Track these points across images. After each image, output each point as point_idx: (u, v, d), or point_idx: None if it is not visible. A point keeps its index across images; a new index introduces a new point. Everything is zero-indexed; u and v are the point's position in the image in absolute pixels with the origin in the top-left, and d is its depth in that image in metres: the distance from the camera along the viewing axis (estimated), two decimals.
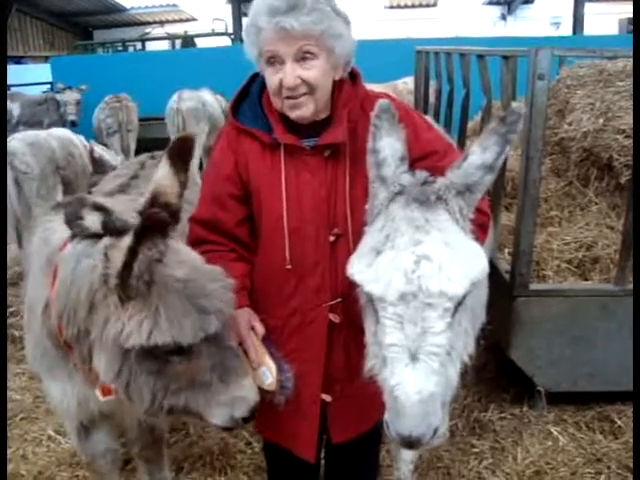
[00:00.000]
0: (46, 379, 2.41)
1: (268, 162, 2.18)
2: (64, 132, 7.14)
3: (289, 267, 2.17)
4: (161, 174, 2.01)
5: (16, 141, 6.30)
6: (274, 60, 2.02)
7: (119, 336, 1.81)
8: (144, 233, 1.71)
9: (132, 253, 1.73)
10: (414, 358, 1.67)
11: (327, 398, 2.30)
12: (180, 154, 2.04)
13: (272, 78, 2.05)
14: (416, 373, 1.66)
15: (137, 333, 1.79)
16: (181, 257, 1.95)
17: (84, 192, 5.97)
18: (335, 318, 2.23)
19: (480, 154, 1.82)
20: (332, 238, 2.18)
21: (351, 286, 1.88)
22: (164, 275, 1.83)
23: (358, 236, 2.03)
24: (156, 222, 1.72)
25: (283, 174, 2.15)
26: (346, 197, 2.16)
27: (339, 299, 2.21)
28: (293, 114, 2.09)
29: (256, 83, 2.24)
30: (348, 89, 2.18)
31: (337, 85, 2.16)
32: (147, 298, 1.80)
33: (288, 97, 2.05)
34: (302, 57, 2.01)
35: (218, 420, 1.97)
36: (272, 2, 1.97)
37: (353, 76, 2.21)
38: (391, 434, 1.71)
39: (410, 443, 1.67)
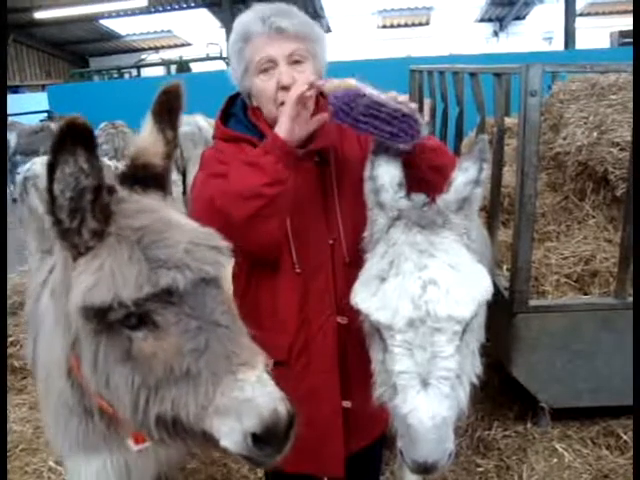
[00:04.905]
0: (73, 459, 1.99)
1: None
2: None
3: (298, 271, 2.16)
4: (143, 132, 1.75)
5: (38, 165, 6.62)
6: (267, 66, 2.07)
7: None
8: (60, 144, 1.37)
9: (49, 170, 1.40)
10: (425, 384, 1.67)
11: (347, 404, 2.26)
12: (164, 106, 1.76)
13: (267, 84, 2.08)
14: (428, 399, 1.65)
15: (76, 293, 1.44)
16: (144, 207, 1.60)
17: None
18: (343, 320, 2.21)
19: (463, 174, 1.87)
20: (331, 241, 2.19)
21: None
22: (120, 226, 1.50)
23: (350, 242, 2.13)
24: (72, 128, 1.37)
25: None
26: (336, 203, 2.19)
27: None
28: None
29: (237, 103, 2.28)
30: (325, 103, 2.21)
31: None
32: (97, 254, 1.47)
33: (284, 102, 2.05)
34: (294, 60, 2.08)
35: (228, 441, 1.43)
36: (262, 10, 2.08)
37: None
38: (406, 462, 1.70)
39: (426, 469, 1.67)
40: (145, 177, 1.69)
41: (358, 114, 1.88)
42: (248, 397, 1.39)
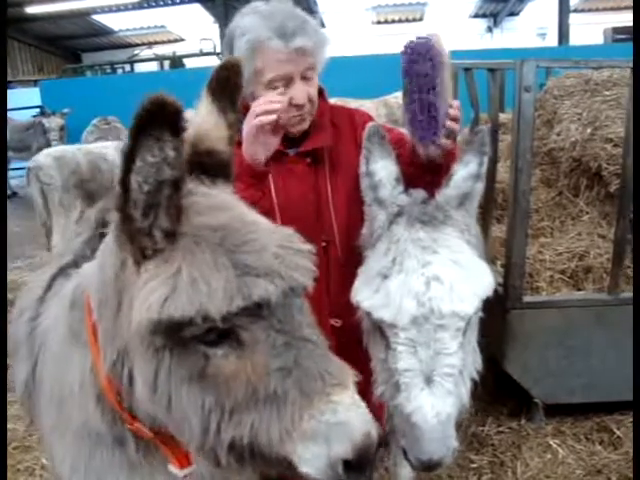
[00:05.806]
0: None
1: None
2: (98, 147, 7.54)
3: None
4: (201, 114, 1.54)
5: (44, 156, 6.88)
6: (281, 84, 2.05)
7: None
8: (144, 127, 1.14)
9: (128, 158, 1.17)
10: (429, 381, 1.66)
11: None
12: (225, 84, 1.54)
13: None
14: (433, 396, 1.65)
15: (147, 304, 1.22)
16: (216, 202, 1.38)
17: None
18: (336, 322, 2.21)
19: (463, 168, 1.86)
20: (324, 243, 2.18)
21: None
22: (194, 225, 1.29)
23: (343, 243, 2.13)
24: (161, 108, 1.14)
25: (271, 179, 2.15)
26: (329, 203, 2.18)
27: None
28: (296, 128, 2.14)
29: None
30: (320, 101, 2.26)
31: None
32: (169, 257, 1.25)
33: (296, 115, 2.10)
34: (306, 75, 2.09)
35: (310, 467, 1.26)
36: (281, 23, 2.02)
37: (319, 91, 2.29)
38: (410, 460, 1.69)
39: (430, 467, 1.66)
40: (211, 166, 1.48)
41: (414, 71, 2.02)
42: (341, 420, 1.24)
